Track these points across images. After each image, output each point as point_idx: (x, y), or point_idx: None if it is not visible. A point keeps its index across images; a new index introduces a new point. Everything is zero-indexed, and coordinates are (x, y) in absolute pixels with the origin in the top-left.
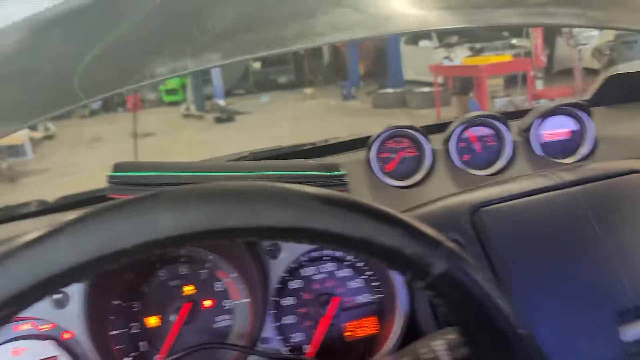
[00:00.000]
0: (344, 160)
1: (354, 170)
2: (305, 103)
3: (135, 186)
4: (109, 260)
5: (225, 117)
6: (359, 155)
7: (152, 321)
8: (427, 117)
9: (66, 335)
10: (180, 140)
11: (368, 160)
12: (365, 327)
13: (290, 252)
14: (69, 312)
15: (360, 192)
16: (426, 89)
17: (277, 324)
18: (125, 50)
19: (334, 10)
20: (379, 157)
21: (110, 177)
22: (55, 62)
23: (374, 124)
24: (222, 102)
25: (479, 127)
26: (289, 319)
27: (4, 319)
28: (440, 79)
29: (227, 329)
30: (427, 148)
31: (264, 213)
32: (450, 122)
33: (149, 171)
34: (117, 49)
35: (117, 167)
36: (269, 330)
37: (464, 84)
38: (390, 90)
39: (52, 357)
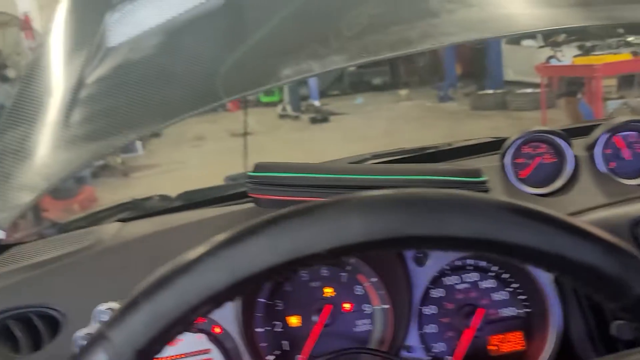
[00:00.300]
0: (474, 165)
1: (487, 175)
2: (400, 104)
3: (275, 187)
4: (302, 263)
5: (320, 118)
6: (487, 159)
7: (294, 321)
8: (529, 119)
9: (216, 330)
10: (277, 139)
11: (502, 166)
12: (511, 342)
13: (437, 260)
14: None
15: None
16: (528, 90)
17: (420, 332)
18: (262, 53)
19: (460, 9)
20: (514, 162)
21: (250, 176)
22: (196, 64)
23: (473, 127)
24: (317, 103)
25: (628, 132)
26: (431, 328)
27: (200, 316)
28: (543, 80)
29: (367, 334)
30: (569, 154)
31: (454, 222)
32: (591, 126)
33: (288, 172)
34: (255, 52)
35: (257, 167)
36: (413, 339)
37: (572, 85)
38: (489, 92)
39: (204, 349)
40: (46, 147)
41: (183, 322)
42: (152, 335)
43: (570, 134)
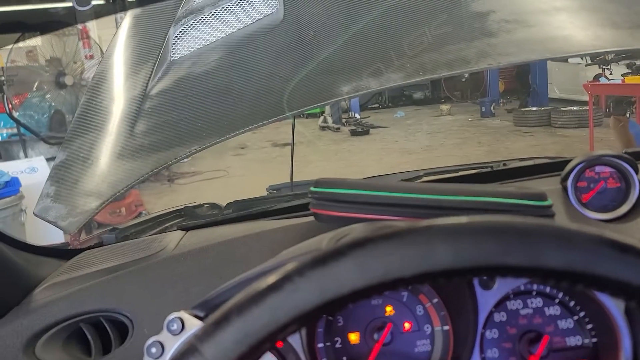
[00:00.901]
0: (531, 186)
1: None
2: (440, 119)
3: (337, 203)
4: (387, 286)
5: (361, 131)
6: (546, 182)
7: (353, 338)
8: (574, 137)
9: (278, 343)
10: (317, 150)
11: (564, 189)
12: None
13: (503, 284)
14: None
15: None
16: (574, 108)
17: (482, 356)
18: (323, 70)
19: (519, 29)
20: (576, 186)
21: (312, 192)
22: (257, 79)
23: (516, 144)
24: (357, 116)
25: None
26: (492, 353)
27: (286, 335)
28: (591, 98)
29: (426, 355)
30: (636, 179)
31: (546, 253)
32: None
33: (351, 189)
34: (316, 69)
35: (318, 183)
36: None
37: (621, 104)
38: (533, 108)
39: None
40: (112, 155)
41: (271, 340)
42: (242, 351)
43: (635, 157)
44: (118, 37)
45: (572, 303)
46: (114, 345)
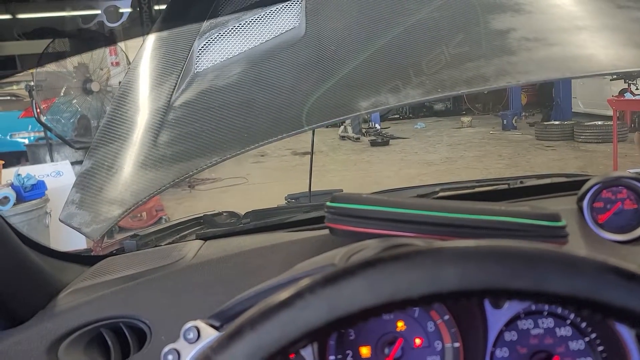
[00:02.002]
0: (548, 206)
1: (563, 218)
2: (461, 131)
3: (353, 218)
4: (396, 306)
5: (380, 141)
6: (563, 202)
7: (364, 351)
8: (597, 152)
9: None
10: (336, 159)
11: (580, 209)
12: None
13: (514, 304)
14: None
15: (573, 246)
16: (598, 123)
17: None
18: (343, 85)
19: (539, 47)
20: (592, 206)
21: (329, 207)
22: (278, 93)
23: (537, 157)
24: (378, 126)
25: None
26: None
27: (297, 349)
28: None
29: None
30: None
31: (551, 278)
32: None
33: (366, 205)
34: (336, 85)
35: (335, 198)
36: None
37: None
38: (556, 122)
39: None
40: (135, 165)
41: (282, 354)
42: None
43: None
44: (144, 48)
45: (583, 324)
46: (133, 351)
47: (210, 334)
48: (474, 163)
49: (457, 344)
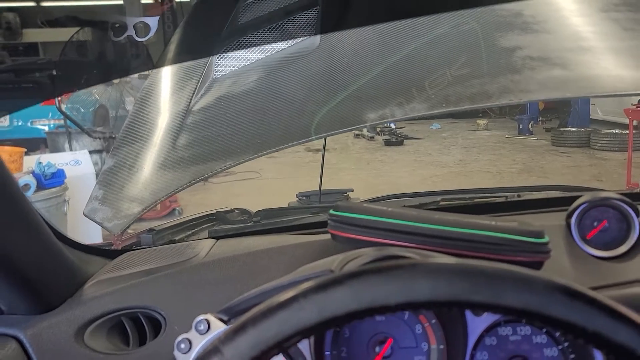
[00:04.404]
0: (540, 221)
1: (551, 234)
2: (476, 133)
3: (353, 227)
4: (375, 311)
5: (394, 141)
6: (555, 217)
7: (357, 348)
8: (612, 160)
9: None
10: (349, 158)
11: (568, 226)
12: None
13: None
14: None
15: (558, 260)
16: (616, 131)
17: None
18: (351, 98)
19: (542, 67)
20: (580, 224)
21: (331, 215)
22: (290, 102)
23: (552, 164)
24: (392, 126)
25: None
26: None
27: (289, 346)
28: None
29: None
30: (636, 220)
31: (506, 294)
32: None
33: (366, 215)
34: (345, 97)
35: (338, 207)
36: None
37: None
38: (572, 129)
39: None
40: (155, 165)
41: (278, 347)
42: (255, 354)
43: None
44: (166, 53)
45: (557, 333)
46: (149, 338)
47: (219, 327)
48: (487, 166)
49: (442, 346)
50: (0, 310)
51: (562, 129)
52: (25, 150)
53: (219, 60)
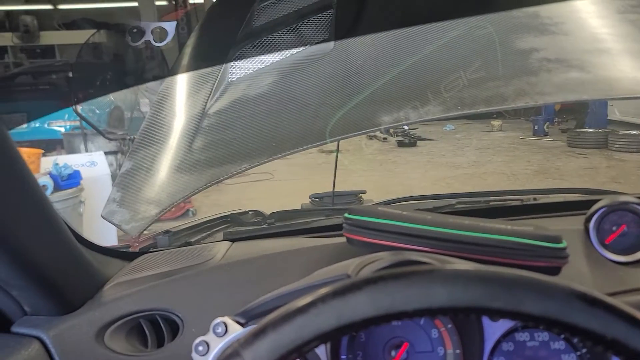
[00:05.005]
0: (557, 225)
1: (569, 238)
2: (491, 135)
3: (368, 230)
4: (392, 317)
5: (408, 142)
6: (573, 221)
7: (373, 352)
8: (630, 162)
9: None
10: (362, 159)
11: (586, 230)
12: None
13: None
14: None
15: (576, 265)
16: (634, 132)
17: None
18: (365, 101)
19: (559, 69)
20: (599, 228)
21: (347, 218)
22: (305, 105)
23: (567, 165)
24: (406, 127)
25: None
26: None
27: (307, 351)
28: None
29: None
30: None
31: (526, 301)
32: None
33: (380, 218)
34: (360, 101)
35: (352, 210)
36: None
37: None
38: (589, 130)
39: None
40: (171, 168)
41: (297, 352)
42: (274, 359)
43: None
44: (182, 56)
45: (575, 339)
46: (167, 340)
47: (236, 330)
48: (501, 168)
49: (458, 351)
50: (24, 312)
51: (578, 130)
52: (43, 151)
53: (234, 63)
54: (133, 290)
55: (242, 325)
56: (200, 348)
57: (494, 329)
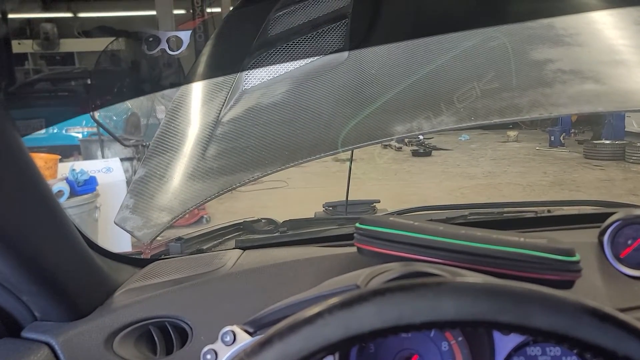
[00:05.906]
0: (571, 238)
1: (583, 252)
2: (506, 145)
3: (379, 240)
4: (400, 329)
5: (422, 152)
6: (587, 234)
7: None
8: None
9: None
10: (376, 168)
11: (601, 243)
12: None
13: None
14: None
15: (590, 279)
16: None
17: None
18: (378, 112)
19: (574, 80)
20: (613, 241)
21: (358, 228)
22: (318, 114)
23: (583, 177)
24: (421, 137)
25: None
26: None
27: (319, 359)
28: None
29: None
30: None
31: (534, 315)
32: None
33: (391, 229)
34: (372, 111)
35: (364, 220)
36: None
37: None
38: (606, 142)
39: None
40: (184, 176)
41: None
42: None
43: None
44: (197, 65)
45: (588, 355)
46: (176, 348)
47: (244, 339)
48: (517, 179)
49: None
50: (34, 317)
51: (595, 142)
52: (60, 157)
53: (249, 72)
54: (143, 297)
55: (250, 334)
56: (209, 356)
57: (504, 343)
